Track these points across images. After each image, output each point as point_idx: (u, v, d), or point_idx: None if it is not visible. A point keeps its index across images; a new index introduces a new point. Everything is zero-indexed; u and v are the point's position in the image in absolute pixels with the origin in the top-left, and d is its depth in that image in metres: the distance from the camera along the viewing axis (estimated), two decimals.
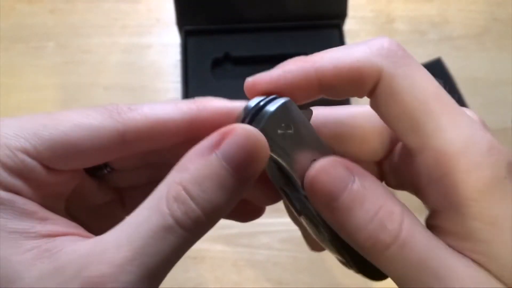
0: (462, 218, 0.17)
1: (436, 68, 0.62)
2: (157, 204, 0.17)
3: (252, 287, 0.53)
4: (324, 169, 0.18)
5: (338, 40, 0.62)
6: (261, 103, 0.19)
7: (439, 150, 0.17)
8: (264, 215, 0.28)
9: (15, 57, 0.65)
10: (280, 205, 0.29)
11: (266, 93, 0.19)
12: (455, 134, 0.17)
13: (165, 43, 0.66)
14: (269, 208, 0.61)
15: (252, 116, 0.19)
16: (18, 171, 0.18)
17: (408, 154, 0.18)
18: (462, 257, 0.17)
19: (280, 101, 0.19)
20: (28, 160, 0.18)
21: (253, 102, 0.19)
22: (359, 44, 0.18)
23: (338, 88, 0.18)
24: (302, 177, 0.19)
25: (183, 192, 0.17)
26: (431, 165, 0.17)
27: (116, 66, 0.64)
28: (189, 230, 0.17)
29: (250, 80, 0.19)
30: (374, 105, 0.18)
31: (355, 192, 0.17)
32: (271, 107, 0.18)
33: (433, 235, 0.17)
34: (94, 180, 0.23)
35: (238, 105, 0.20)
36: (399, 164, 0.20)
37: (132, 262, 0.16)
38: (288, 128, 0.19)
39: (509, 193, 0.16)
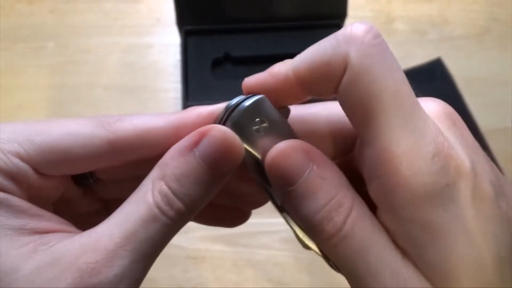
0: (398, 220, 0.17)
1: (436, 68, 0.62)
2: (143, 196, 0.19)
3: (252, 287, 0.53)
4: (284, 152, 0.18)
5: None
6: (240, 101, 0.20)
7: (384, 149, 0.17)
8: (264, 215, 0.28)
9: (15, 57, 0.65)
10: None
11: (255, 94, 0.20)
12: (403, 135, 0.17)
13: (165, 43, 0.66)
14: (269, 208, 0.60)
15: (229, 113, 0.20)
16: (11, 174, 0.19)
17: (361, 145, 0.19)
18: (402, 256, 0.17)
19: (254, 98, 0.20)
20: (21, 164, 0.19)
21: (233, 101, 0.20)
22: (330, 36, 0.18)
23: (314, 85, 0.19)
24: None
25: (165, 187, 0.19)
26: (374, 162, 0.17)
27: (116, 66, 0.64)
28: (172, 219, 0.19)
29: (244, 81, 0.20)
30: (337, 95, 0.18)
31: (310, 180, 0.18)
32: (245, 103, 0.19)
33: (380, 230, 0.18)
34: (80, 189, 0.24)
35: (221, 106, 0.21)
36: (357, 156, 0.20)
37: (125, 247, 0.18)
38: (262, 122, 0.19)
39: (448, 200, 0.16)
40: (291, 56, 0.22)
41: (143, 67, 0.64)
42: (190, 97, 0.59)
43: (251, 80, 0.20)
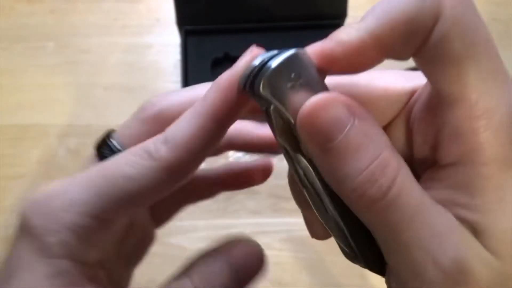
0: (476, 175, 0.16)
1: None
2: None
3: (252, 287, 0.53)
4: (322, 104, 0.16)
5: None
6: (271, 56, 0.17)
7: (475, 104, 0.15)
8: (264, 215, 0.28)
9: (15, 57, 0.65)
10: (280, 205, 0.29)
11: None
12: (497, 92, 0.16)
13: (165, 43, 0.66)
14: (269, 208, 0.61)
15: (258, 70, 0.17)
16: (89, 236, 0.19)
17: (431, 109, 0.17)
18: (445, 211, 0.16)
19: (289, 52, 0.17)
20: (97, 223, 0.19)
21: (257, 61, 0.17)
22: None
23: (398, 46, 0.16)
24: None
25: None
26: (461, 119, 0.16)
27: (116, 66, 0.64)
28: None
29: (301, 51, 0.17)
30: (417, 52, 0.17)
31: (352, 136, 0.16)
32: (280, 57, 0.17)
33: (423, 192, 0.16)
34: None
35: (241, 65, 0.18)
36: (414, 121, 0.19)
37: None
38: (298, 79, 0.17)
39: None
40: None
41: (143, 67, 0.64)
42: None
43: (313, 50, 0.17)
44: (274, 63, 0.17)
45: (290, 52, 0.17)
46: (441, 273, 0.15)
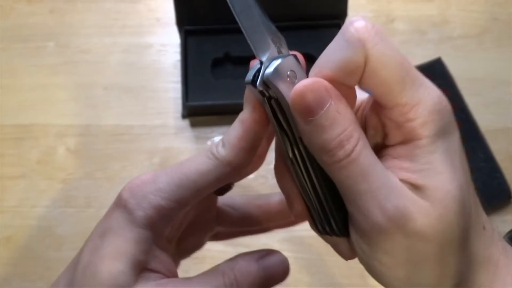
0: (413, 147, 0.22)
1: (436, 68, 0.62)
2: None
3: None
4: (310, 86, 0.21)
5: None
6: (275, 59, 0.24)
7: (404, 105, 0.22)
8: None
9: (15, 57, 0.65)
10: None
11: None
12: (414, 91, 0.22)
13: (165, 43, 0.66)
14: None
15: (265, 69, 0.23)
16: (165, 214, 0.25)
17: (378, 110, 0.23)
18: (397, 180, 0.22)
19: (287, 56, 0.24)
20: (176, 205, 0.25)
21: (260, 62, 0.24)
22: (339, 39, 0.22)
23: (348, 79, 0.22)
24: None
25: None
26: (398, 116, 0.22)
27: (116, 66, 0.64)
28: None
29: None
30: (362, 81, 0.23)
31: (329, 113, 0.21)
32: (281, 59, 0.23)
33: (376, 158, 0.22)
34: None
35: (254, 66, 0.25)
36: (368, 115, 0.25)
37: None
38: (293, 74, 0.23)
39: (450, 135, 0.22)
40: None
41: (143, 67, 0.64)
42: (190, 97, 0.59)
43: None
44: (275, 63, 0.23)
45: (289, 56, 0.24)
46: (385, 217, 0.21)
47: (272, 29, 0.25)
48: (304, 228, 0.30)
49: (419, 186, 0.21)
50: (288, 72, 0.23)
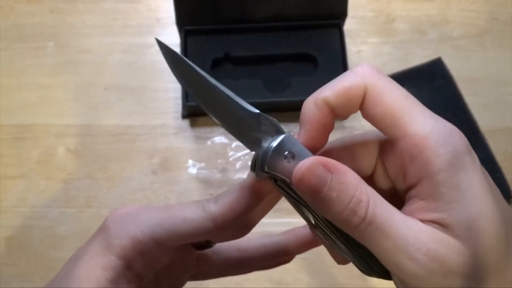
0: (434, 185, 0.22)
1: (436, 68, 0.62)
2: None
3: (252, 287, 0.53)
4: (307, 169, 0.22)
5: (338, 40, 0.62)
6: (269, 145, 0.25)
7: (415, 135, 0.22)
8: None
9: (15, 57, 0.65)
10: (280, 205, 0.29)
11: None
12: (424, 122, 0.22)
13: (165, 43, 0.65)
14: None
15: (263, 158, 0.24)
16: (142, 251, 0.26)
17: (392, 149, 0.24)
18: (419, 222, 0.22)
19: (280, 137, 0.24)
20: (152, 243, 0.26)
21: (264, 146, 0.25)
22: (347, 72, 0.24)
23: (341, 109, 0.24)
24: None
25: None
26: (410, 147, 0.22)
27: (116, 66, 0.64)
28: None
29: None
30: (364, 113, 0.24)
31: (332, 187, 0.22)
32: (273, 144, 0.24)
33: (395, 209, 0.22)
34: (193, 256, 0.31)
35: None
36: (387, 164, 0.25)
37: None
38: (290, 154, 0.24)
39: (468, 164, 0.22)
40: (291, 56, 0.24)
41: (143, 67, 0.64)
42: (190, 97, 0.59)
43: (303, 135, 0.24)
44: (270, 153, 0.24)
45: (281, 137, 0.24)
46: (419, 266, 0.21)
47: (258, 115, 0.25)
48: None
49: (447, 225, 0.21)
50: (285, 153, 0.24)
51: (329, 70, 0.60)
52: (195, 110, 0.60)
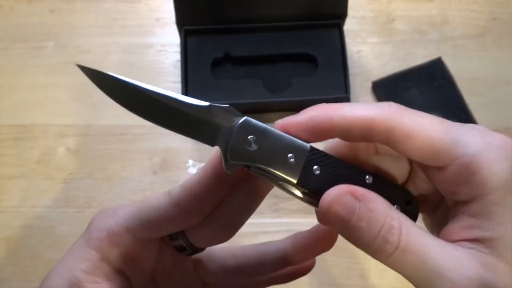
0: (486, 203, 0.21)
1: (436, 68, 0.62)
2: None
3: None
4: (335, 197, 0.22)
5: (338, 40, 0.62)
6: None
7: (462, 157, 0.21)
8: (264, 215, 0.29)
9: (15, 57, 0.65)
10: (280, 205, 0.29)
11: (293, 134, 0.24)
12: (469, 141, 0.21)
13: (165, 43, 0.66)
14: (269, 208, 0.61)
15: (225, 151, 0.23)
16: (116, 241, 0.27)
17: (438, 170, 0.22)
18: (457, 247, 0.21)
19: (238, 123, 0.23)
20: (126, 234, 0.27)
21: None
22: (371, 104, 0.23)
23: (352, 133, 0.23)
24: (286, 170, 0.23)
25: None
26: (460, 170, 0.21)
27: (116, 66, 0.64)
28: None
29: (280, 123, 0.24)
30: (398, 151, 0.23)
31: (361, 215, 0.22)
32: (233, 132, 0.23)
33: (428, 233, 0.22)
34: (180, 261, 0.30)
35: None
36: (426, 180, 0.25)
37: None
38: (255, 139, 0.23)
39: None
40: (291, 56, 0.23)
41: (142, 67, 0.64)
42: (190, 97, 0.59)
43: (291, 123, 0.24)
44: (231, 143, 0.23)
45: (240, 122, 0.23)
46: None
47: (208, 108, 0.24)
48: (305, 228, 0.30)
49: (495, 247, 0.21)
50: (249, 138, 0.23)
51: (329, 70, 0.60)
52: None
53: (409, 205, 0.24)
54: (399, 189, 0.24)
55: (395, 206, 0.23)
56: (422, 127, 0.22)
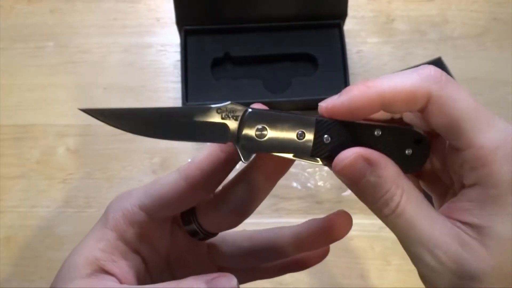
0: (486, 194, 0.22)
1: None
2: None
3: (252, 287, 0.53)
4: (350, 161, 0.23)
5: (338, 40, 0.62)
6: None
7: (480, 148, 0.22)
8: (264, 215, 0.29)
9: (15, 57, 0.65)
10: (280, 205, 0.29)
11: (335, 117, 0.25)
12: (492, 136, 0.22)
13: (165, 43, 0.66)
14: (269, 208, 0.61)
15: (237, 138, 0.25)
16: (131, 219, 0.28)
17: (455, 151, 0.24)
18: (442, 219, 0.23)
19: (244, 115, 0.24)
20: (139, 212, 0.28)
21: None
22: (411, 72, 0.24)
23: (395, 107, 0.24)
24: (299, 147, 0.25)
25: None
26: (473, 159, 0.22)
27: (116, 66, 0.64)
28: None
29: (324, 107, 0.24)
30: (426, 119, 0.24)
31: (370, 180, 0.23)
32: (241, 125, 0.24)
33: (424, 205, 0.24)
34: (192, 245, 0.31)
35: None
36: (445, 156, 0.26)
37: None
38: (264, 128, 0.24)
39: None
40: (291, 56, 0.23)
41: (142, 67, 0.64)
42: (190, 97, 0.59)
43: (333, 104, 0.24)
44: (241, 137, 0.24)
45: (245, 114, 0.24)
46: (437, 262, 0.22)
47: (213, 109, 0.25)
48: None
49: (483, 234, 0.22)
50: (257, 128, 0.24)
51: (329, 70, 0.60)
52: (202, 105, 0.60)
53: (419, 144, 0.25)
54: (408, 131, 0.25)
55: (406, 152, 0.25)
56: (458, 105, 0.23)
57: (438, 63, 0.63)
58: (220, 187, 0.28)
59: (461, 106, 0.23)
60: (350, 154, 0.24)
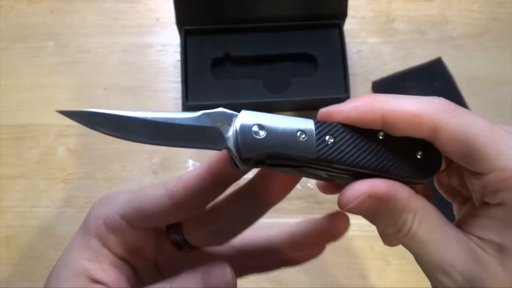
0: (507, 213, 0.22)
1: (436, 68, 0.62)
2: None
3: (252, 287, 0.53)
4: (356, 203, 0.23)
5: (338, 40, 0.62)
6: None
7: (503, 169, 0.22)
8: (264, 215, 0.29)
9: (15, 57, 0.65)
10: (280, 205, 0.29)
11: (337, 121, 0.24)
12: None
13: (165, 43, 0.66)
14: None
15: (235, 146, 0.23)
16: (113, 227, 0.27)
17: (472, 174, 0.23)
18: (457, 235, 0.23)
19: (236, 119, 0.24)
20: (120, 220, 0.27)
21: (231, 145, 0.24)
22: (420, 97, 0.23)
23: (397, 128, 0.23)
24: (302, 148, 0.23)
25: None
26: (495, 181, 0.22)
27: (116, 66, 0.64)
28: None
29: (324, 111, 0.24)
30: (439, 148, 0.23)
31: (379, 213, 0.23)
32: (236, 129, 0.23)
33: (438, 222, 0.23)
34: (178, 254, 0.30)
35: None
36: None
37: None
38: (260, 127, 0.23)
39: None
40: (291, 56, 0.23)
41: (142, 67, 0.64)
42: (190, 97, 0.59)
43: (334, 111, 0.24)
44: (238, 139, 0.23)
45: (238, 117, 0.24)
46: (452, 282, 0.22)
47: (203, 116, 0.24)
48: None
49: (507, 254, 0.22)
50: (253, 129, 0.23)
51: (329, 70, 0.60)
52: (195, 110, 0.60)
53: (427, 149, 0.24)
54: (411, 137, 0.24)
55: (417, 155, 0.24)
56: (469, 132, 0.22)
57: (438, 63, 0.63)
58: (211, 204, 0.27)
59: (475, 131, 0.22)
60: (357, 195, 0.23)
